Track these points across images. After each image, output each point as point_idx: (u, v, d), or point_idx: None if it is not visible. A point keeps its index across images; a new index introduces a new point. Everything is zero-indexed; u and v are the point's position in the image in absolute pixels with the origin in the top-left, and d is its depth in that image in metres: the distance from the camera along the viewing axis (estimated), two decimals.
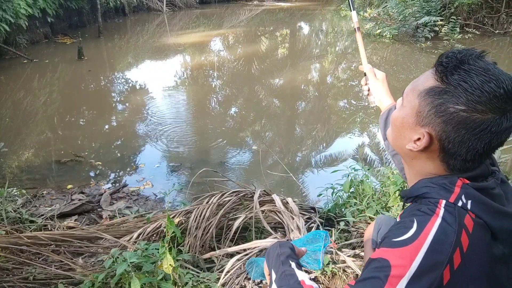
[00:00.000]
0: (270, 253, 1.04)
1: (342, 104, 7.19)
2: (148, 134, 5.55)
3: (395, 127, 0.89)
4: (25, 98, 7.02)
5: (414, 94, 0.83)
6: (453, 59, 0.78)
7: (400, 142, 0.88)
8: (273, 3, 20.66)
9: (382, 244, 0.79)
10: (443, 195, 0.79)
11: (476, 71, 0.75)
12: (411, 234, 0.75)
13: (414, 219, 0.77)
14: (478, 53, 0.79)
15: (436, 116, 0.79)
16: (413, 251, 0.73)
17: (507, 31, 10.73)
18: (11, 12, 8.58)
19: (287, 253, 1.01)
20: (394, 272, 0.72)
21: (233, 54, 11.12)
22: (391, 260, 0.73)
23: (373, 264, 0.76)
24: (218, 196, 2.68)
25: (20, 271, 2.29)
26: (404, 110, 0.86)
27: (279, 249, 1.03)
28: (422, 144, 0.82)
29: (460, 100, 0.75)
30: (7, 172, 4.36)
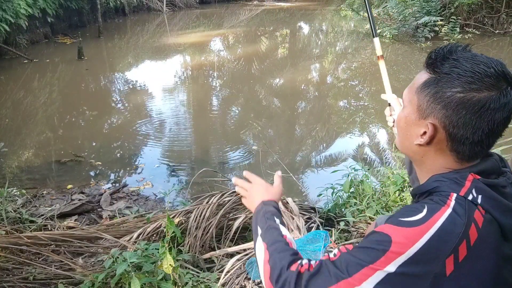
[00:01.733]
0: (257, 213, 1.06)
1: (342, 104, 7.19)
2: (148, 134, 5.55)
3: (400, 128, 0.91)
4: (25, 98, 7.02)
5: (411, 92, 0.86)
6: (441, 52, 0.83)
7: (408, 141, 0.89)
8: (273, 3, 20.66)
9: (388, 221, 0.79)
10: (454, 189, 0.80)
11: (465, 58, 0.80)
12: (419, 218, 0.75)
13: (425, 205, 0.78)
14: (464, 46, 0.84)
15: (435, 103, 0.81)
16: (418, 234, 0.73)
17: (507, 31, 10.73)
18: (11, 12, 8.58)
19: (272, 211, 1.04)
20: (393, 248, 0.73)
21: (233, 54, 11.12)
22: (393, 237, 0.74)
23: (375, 236, 0.77)
24: (218, 196, 2.68)
25: (20, 271, 2.29)
26: (406, 110, 0.88)
27: (264, 207, 1.06)
28: (428, 135, 0.83)
29: (455, 83, 0.78)
30: (7, 172, 4.36)
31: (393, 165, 3.84)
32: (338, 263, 0.78)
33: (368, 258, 0.74)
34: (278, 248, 0.92)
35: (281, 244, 0.93)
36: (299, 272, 0.83)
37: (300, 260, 0.87)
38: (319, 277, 0.79)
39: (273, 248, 0.93)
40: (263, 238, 0.97)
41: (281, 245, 0.93)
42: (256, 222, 1.04)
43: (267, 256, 0.92)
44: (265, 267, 0.90)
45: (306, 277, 0.81)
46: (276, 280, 0.85)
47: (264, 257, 0.92)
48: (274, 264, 0.88)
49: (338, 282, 0.76)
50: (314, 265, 0.83)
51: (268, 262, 0.90)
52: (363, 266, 0.74)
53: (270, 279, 0.87)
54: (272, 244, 0.94)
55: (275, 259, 0.89)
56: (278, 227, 0.99)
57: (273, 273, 0.87)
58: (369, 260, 0.74)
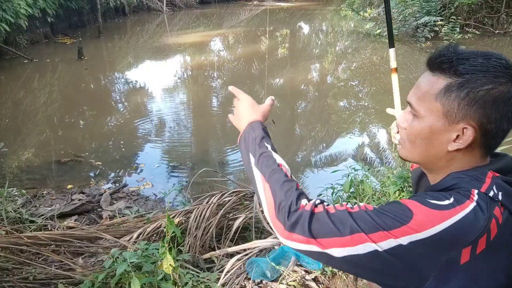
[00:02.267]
0: (246, 137, 1.00)
1: (342, 104, 7.19)
2: (148, 134, 5.55)
3: (422, 140, 0.86)
4: (25, 98, 7.02)
5: (430, 100, 0.83)
6: (449, 54, 0.81)
7: (434, 151, 0.86)
8: (273, 3, 20.67)
9: (415, 198, 0.78)
10: (475, 185, 0.79)
11: (472, 55, 0.81)
12: (446, 203, 0.75)
13: (452, 195, 0.78)
14: (455, 45, 0.85)
15: (470, 105, 0.79)
16: (440, 218, 0.73)
17: (507, 31, 10.73)
18: (11, 12, 8.58)
19: (261, 135, 0.99)
20: (411, 224, 0.72)
21: (233, 54, 11.12)
22: (415, 214, 0.74)
23: (397, 207, 0.76)
24: (218, 196, 2.68)
25: (20, 271, 2.29)
26: (427, 119, 0.84)
27: (253, 132, 1.00)
28: (468, 138, 0.81)
29: (483, 81, 0.78)
30: (7, 172, 4.36)
31: (393, 165, 3.85)
32: (357, 217, 0.76)
33: (384, 224, 0.74)
34: (279, 179, 0.87)
35: (281, 175, 0.88)
36: (313, 212, 0.79)
37: (306, 197, 0.84)
38: (335, 224, 0.76)
39: (274, 179, 0.87)
40: (258, 167, 0.91)
41: (281, 176, 0.88)
42: (246, 148, 0.98)
43: (267, 187, 0.87)
44: (268, 200, 0.86)
45: (321, 219, 0.78)
46: (287, 215, 0.80)
47: (264, 188, 0.88)
48: (280, 197, 0.83)
49: (352, 235, 0.74)
50: (329, 208, 0.80)
51: (272, 195, 0.85)
52: (378, 229, 0.73)
53: (277, 213, 0.82)
54: (271, 175, 0.89)
55: (279, 191, 0.84)
56: (271, 154, 0.94)
57: (282, 208, 0.82)
58: (385, 226, 0.73)
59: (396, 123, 0.95)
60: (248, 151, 0.97)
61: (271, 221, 0.84)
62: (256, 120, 1.03)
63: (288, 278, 2.19)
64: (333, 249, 0.76)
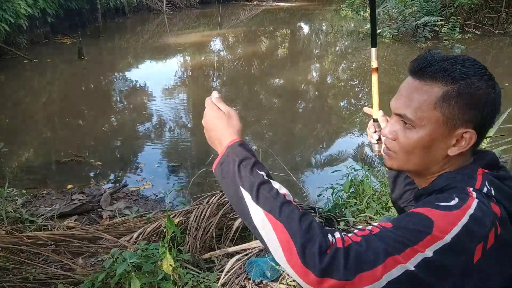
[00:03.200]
0: (228, 167, 0.80)
1: (342, 104, 7.19)
2: (148, 134, 5.55)
3: (421, 149, 0.85)
4: (25, 98, 7.02)
5: (428, 110, 0.82)
6: (439, 62, 0.82)
7: (433, 157, 0.86)
8: (273, 3, 20.67)
9: (424, 205, 0.77)
10: (469, 183, 0.80)
11: (457, 60, 0.82)
12: (454, 203, 0.75)
13: (454, 195, 0.77)
14: (433, 51, 0.87)
15: (469, 110, 0.81)
16: (456, 218, 0.72)
17: (507, 31, 10.72)
18: (11, 12, 8.58)
19: (251, 161, 0.79)
20: (435, 231, 0.70)
21: (233, 54, 11.12)
22: (435, 220, 0.71)
23: (416, 218, 0.73)
24: (218, 196, 2.68)
25: (20, 271, 2.29)
26: (427, 129, 0.83)
27: (237, 158, 0.80)
28: (469, 141, 0.83)
29: (478, 85, 0.81)
30: (7, 172, 4.36)
31: None
32: (383, 238, 0.70)
33: (412, 238, 0.69)
34: (293, 216, 0.71)
35: (293, 210, 0.72)
36: (346, 247, 0.68)
37: (327, 230, 0.72)
38: (368, 253, 0.68)
39: (287, 216, 0.71)
40: (260, 203, 0.74)
41: (294, 211, 0.72)
42: (233, 180, 0.78)
43: (279, 227, 0.70)
44: (284, 243, 0.70)
45: (355, 252, 0.68)
46: (319, 259, 0.66)
47: (274, 229, 0.71)
48: (303, 238, 0.68)
49: (386, 259, 0.67)
50: (353, 238, 0.71)
51: (291, 236, 0.69)
52: (407, 246, 0.69)
53: (302, 258, 0.68)
54: (282, 211, 0.72)
55: (299, 231, 0.69)
56: (271, 184, 0.77)
57: (309, 251, 0.67)
58: (413, 240, 0.69)
59: (382, 134, 0.91)
60: (236, 184, 0.77)
61: (292, 268, 0.69)
62: (236, 141, 0.83)
63: (288, 278, 2.19)
64: (375, 284, 0.66)
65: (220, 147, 0.85)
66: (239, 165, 0.79)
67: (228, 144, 0.83)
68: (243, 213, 0.76)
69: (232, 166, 0.79)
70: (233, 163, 0.80)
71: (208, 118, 0.88)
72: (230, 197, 0.80)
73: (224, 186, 0.81)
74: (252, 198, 0.75)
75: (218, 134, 0.86)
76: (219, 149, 0.85)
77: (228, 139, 0.84)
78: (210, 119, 0.88)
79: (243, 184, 0.77)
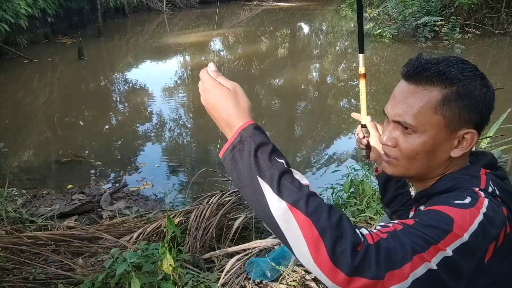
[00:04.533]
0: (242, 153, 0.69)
1: (342, 104, 7.19)
2: (148, 134, 5.55)
3: (424, 154, 0.84)
4: (25, 98, 7.01)
5: (429, 114, 0.81)
6: (434, 66, 0.81)
7: (436, 161, 0.85)
8: (273, 3, 20.67)
9: (440, 202, 0.75)
10: (474, 183, 0.80)
11: (452, 62, 0.82)
12: (468, 201, 0.74)
13: (465, 194, 0.76)
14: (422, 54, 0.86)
15: (470, 110, 0.81)
16: (473, 216, 0.71)
17: (507, 31, 10.73)
18: (11, 12, 8.58)
19: (269, 148, 0.69)
20: (455, 229, 0.68)
21: (233, 54, 11.12)
22: (454, 218, 0.70)
23: (436, 214, 0.71)
24: (218, 196, 2.68)
25: (20, 271, 2.29)
26: (429, 133, 0.82)
27: (253, 143, 0.68)
28: (471, 141, 0.83)
29: (474, 85, 0.81)
30: (7, 172, 4.36)
31: None
32: (409, 235, 0.67)
33: (434, 236, 0.67)
34: (321, 209, 0.64)
35: (319, 202, 0.65)
36: (376, 243, 0.64)
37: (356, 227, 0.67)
38: (397, 250, 0.63)
39: (314, 209, 0.64)
40: (283, 195, 0.65)
41: (321, 203, 0.65)
42: (248, 168, 0.68)
43: (306, 222, 0.63)
44: (311, 239, 0.62)
45: (385, 249, 0.63)
46: (351, 256, 0.61)
47: (300, 224, 0.63)
48: (334, 234, 0.62)
49: (413, 257, 0.64)
50: (379, 234, 0.67)
51: (319, 232, 0.62)
52: (431, 244, 0.66)
53: (332, 256, 0.61)
54: (308, 204, 0.64)
55: (329, 226, 0.63)
56: (292, 173, 0.68)
57: (340, 247, 0.61)
58: (436, 238, 0.67)
59: (381, 142, 0.89)
60: (252, 173, 0.67)
61: (318, 266, 0.63)
62: (249, 123, 0.71)
63: (288, 278, 2.19)
64: (402, 284, 0.63)
65: (229, 130, 0.73)
66: (255, 151, 0.68)
67: (240, 127, 0.71)
68: (259, 205, 0.67)
69: (247, 152, 0.68)
70: (248, 150, 0.68)
71: (210, 97, 0.75)
72: (242, 188, 0.69)
73: (235, 175, 0.70)
74: (272, 189, 0.66)
75: (226, 116, 0.73)
76: (228, 132, 0.73)
77: (240, 121, 0.72)
78: (213, 98, 0.74)
79: (261, 173, 0.67)
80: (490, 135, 2.84)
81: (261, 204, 0.67)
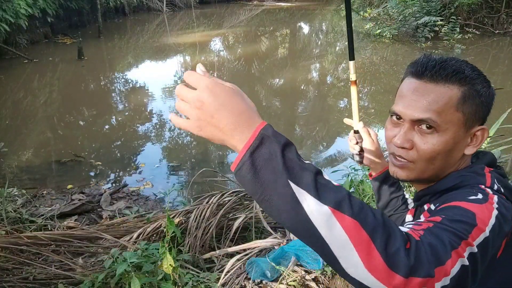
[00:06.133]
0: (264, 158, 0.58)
1: (342, 104, 7.19)
2: (148, 134, 5.55)
3: (444, 154, 0.82)
4: (25, 98, 7.02)
5: (451, 112, 0.80)
6: (451, 64, 0.82)
7: (453, 159, 0.84)
8: (273, 3, 20.66)
9: (457, 198, 0.73)
10: (480, 181, 0.80)
11: (457, 60, 0.84)
12: (481, 197, 0.73)
13: (474, 190, 0.76)
14: (431, 54, 0.87)
15: (483, 107, 0.83)
16: (489, 211, 0.70)
17: (507, 31, 10.73)
18: (11, 12, 8.58)
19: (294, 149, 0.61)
20: (479, 224, 0.66)
21: (233, 54, 11.12)
22: (476, 212, 0.68)
23: (458, 209, 0.69)
24: (218, 196, 2.68)
25: (20, 271, 2.29)
26: (450, 132, 0.81)
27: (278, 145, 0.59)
28: (483, 138, 0.84)
29: (485, 84, 0.83)
30: (7, 172, 4.36)
31: None
32: (444, 231, 0.64)
33: (463, 231, 0.64)
34: (365, 209, 0.57)
35: (358, 201, 0.58)
36: (421, 240, 0.60)
37: None
38: (439, 246, 0.60)
39: (359, 210, 0.56)
40: (324, 199, 0.56)
41: (361, 202, 0.59)
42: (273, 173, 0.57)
43: (353, 226, 0.55)
44: (360, 245, 0.55)
45: (429, 246, 0.59)
46: (407, 256, 0.55)
47: (346, 229, 0.55)
48: (384, 234, 0.56)
49: (451, 253, 0.61)
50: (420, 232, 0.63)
51: (370, 235, 0.55)
52: (462, 238, 0.63)
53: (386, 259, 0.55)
54: (351, 205, 0.57)
55: (378, 227, 0.56)
56: (321, 173, 0.60)
57: (392, 248, 0.55)
58: (465, 233, 0.64)
59: (396, 145, 0.84)
60: (282, 175, 0.57)
61: (372, 273, 0.55)
62: (266, 123, 0.62)
63: (288, 278, 2.19)
64: (444, 280, 0.59)
65: (246, 131, 0.60)
66: (282, 152, 0.58)
67: (259, 126, 0.60)
68: (293, 216, 0.57)
69: (274, 154, 0.58)
70: (274, 151, 0.58)
71: (213, 97, 0.60)
72: (267, 199, 0.58)
73: (257, 184, 0.58)
74: (310, 193, 0.56)
75: (236, 117, 0.60)
76: (245, 134, 0.60)
77: (255, 121, 0.61)
78: (218, 98, 0.60)
79: (293, 176, 0.57)
80: (490, 135, 2.84)
81: (296, 213, 0.56)
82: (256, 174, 0.57)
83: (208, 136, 0.62)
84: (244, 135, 0.59)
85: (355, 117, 1.26)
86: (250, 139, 0.59)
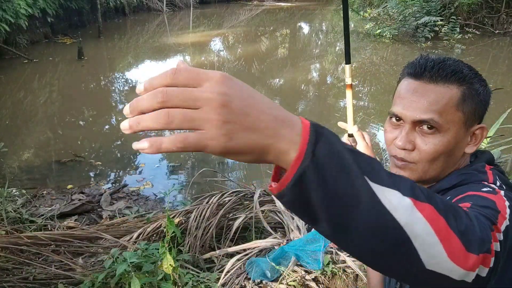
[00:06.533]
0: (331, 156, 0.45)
1: (342, 104, 7.19)
2: (148, 134, 5.54)
3: (446, 154, 0.82)
4: (25, 98, 7.02)
5: (451, 112, 0.80)
6: (444, 62, 0.82)
7: (454, 159, 0.85)
8: (273, 3, 20.67)
9: (468, 191, 0.73)
10: (482, 178, 0.80)
11: (454, 60, 0.84)
12: (492, 188, 0.73)
13: (480, 185, 0.76)
14: (428, 54, 0.88)
15: (482, 106, 0.84)
16: (504, 201, 0.69)
17: (507, 31, 10.73)
18: (11, 12, 8.58)
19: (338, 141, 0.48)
20: (502, 211, 0.64)
21: (233, 54, 11.12)
22: (495, 200, 0.66)
23: (478, 197, 0.67)
24: (218, 196, 2.69)
25: (20, 271, 2.29)
26: (451, 131, 0.81)
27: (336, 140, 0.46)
28: (482, 137, 0.85)
29: (483, 83, 0.84)
30: (7, 172, 4.36)
31: None
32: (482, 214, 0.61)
33: (492, 216, 0.62)
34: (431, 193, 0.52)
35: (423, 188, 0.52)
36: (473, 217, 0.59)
37: None
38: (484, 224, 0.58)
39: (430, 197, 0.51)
40: (403, 189, 0.48)
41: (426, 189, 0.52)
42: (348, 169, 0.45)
43: (432, 214, 0.49)
44: (442, 233, 0.49)
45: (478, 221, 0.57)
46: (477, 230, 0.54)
47: (428, 219, 0.48)
48: (457, 217, 0.52)
49: (491, 233, 0.58)
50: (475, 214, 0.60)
51: (447, 222, 0.50)
52: (493, 223, 0.61)
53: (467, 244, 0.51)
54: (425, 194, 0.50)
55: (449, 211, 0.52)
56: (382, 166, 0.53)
57: (469, 232, 0.52)
58: (494, 218, 0.62)
59: (398, 147, 0.83)
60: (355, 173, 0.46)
61: (454, 260, 0.51)
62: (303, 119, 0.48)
63: (288, 278, 2.19)
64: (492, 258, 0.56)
65: (290, 130, 0.45)
66: (345, 145, 0.47)
67: (305, 121, 0.46)
68: (374, 220, 0.46)
69: (342, 149, 0.46)
70: (339, 146, 0.46)
71: (245, 89, 0.45)
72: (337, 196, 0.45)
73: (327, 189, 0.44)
74: (388, 186, 0.47)
75: (276, 110, 0.46)
76: (295, 130, 0.45)
77: (297, 117, 0.48)
78: (250, 89, 0.45)
79: (366, 171, 0.46)
80: (490, 135, 2.84)
81: (377, 215, 0.46)
82: (323, 177, 0.44)
83: (241, 146, 0.44)
84: (294, 132, 0.45)
85: (349, 121, 1.26)
86: (304, 137, 0.44)
